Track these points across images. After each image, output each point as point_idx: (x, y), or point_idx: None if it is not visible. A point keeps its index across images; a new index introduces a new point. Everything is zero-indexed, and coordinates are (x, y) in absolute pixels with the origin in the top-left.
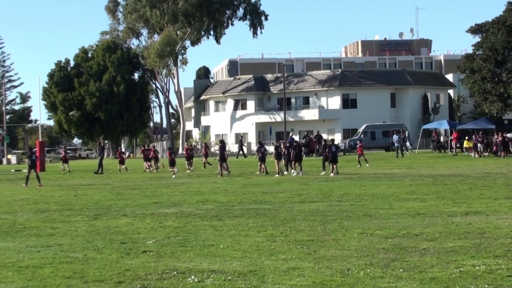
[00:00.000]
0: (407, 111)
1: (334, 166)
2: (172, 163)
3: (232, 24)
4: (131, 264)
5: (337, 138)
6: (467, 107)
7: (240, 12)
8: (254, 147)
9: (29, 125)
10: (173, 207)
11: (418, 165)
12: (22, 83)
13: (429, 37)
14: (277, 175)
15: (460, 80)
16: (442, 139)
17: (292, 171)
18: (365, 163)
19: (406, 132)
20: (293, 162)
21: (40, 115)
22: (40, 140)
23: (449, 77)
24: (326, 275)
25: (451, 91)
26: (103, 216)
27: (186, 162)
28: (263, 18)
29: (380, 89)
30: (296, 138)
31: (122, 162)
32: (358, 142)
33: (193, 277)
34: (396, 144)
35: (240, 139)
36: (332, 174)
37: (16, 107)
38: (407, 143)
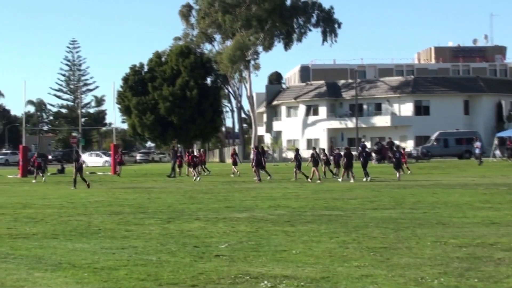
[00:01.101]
0: (480, 118)
1: (357, 171)
2: (194, 166)
3: (305, 32)
4: (204, 268)
5: (409, 145)
6: None
7: (314, 19)
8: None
9: (104, 128)
10: (245, 212)
11: (492, 174)
12: (97, 87)
13: (504, 44)
14: (309, 180)
15: None
16: None
17: (340, 178)
18: (407, 170)
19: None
20: (343, 169)
21: (115, 118)
22: (114, 143)
23: None
24: (400, 283)
25: None
26: (176, 219)
27: (191, 169)
28: (336, 25)
29: (454, 96)
30: (368, 144)
31: (194, 165)
32: (401, 149)
33: (266, 282)
34: (477, 151)
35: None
36: (365, 179)
37: (91, 110)
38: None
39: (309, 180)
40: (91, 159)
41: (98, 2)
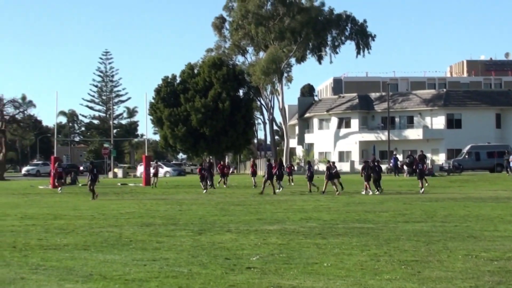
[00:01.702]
0: None
1: (374, 184)
2: (202, 178)
3: (339, 45)
4: (236, 280)
5: (441, 158)
6: None
7: (347, 31)
8: (358, 166)
9: (135, 139)
10: (277, 224)
11: None
12: (129, 98)
13: None
14: (322, 193)
15: None
16: None
17: (369, 191)
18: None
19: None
20: (366, 182)
21: (147, 129)
22: (146, 154)
23: None
24: None
25: None
26: (208, 231)
27: (201, 182)
28: (369, 39)
29: (485, 109)
30: (400, 157)
31: (201, 177)
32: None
33: None
34: (511, 165)
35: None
36: (377, 193)
37: (123, 122)
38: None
39: (323, 192)
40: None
41: (131, 13)
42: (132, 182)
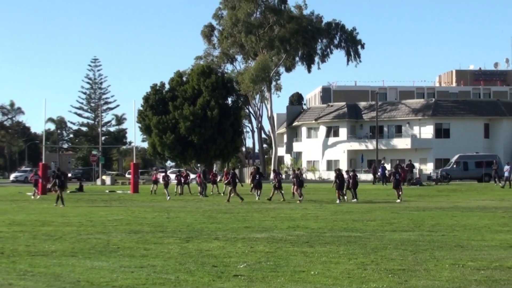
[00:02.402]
0: (500, 142)
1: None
2: (166, 185)
3: (328, 54)
4: (223, 287)
5: (429, 167)
6: None
7: (336, 40)
8: (345, 175)
9: (124, 146)
10: (264, 232)
11: (511, 197)
12: (118, 105)
13: None
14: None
15: None
16: None
17: (340, 199)
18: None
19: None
20: (338, 191)
21: (135, 137)
22: (134, 162)
23: None
24: None
25: None
26: (195, 239)
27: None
28: (359, 47)
29: (474, 119)
30: (388, 166)
31: (165, 185)
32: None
33: None
34: (506, 175)
35: (275, 169)
36: (354, 200)
37: (112, 129)
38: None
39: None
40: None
41: (120, 21)
42: (121, 189)
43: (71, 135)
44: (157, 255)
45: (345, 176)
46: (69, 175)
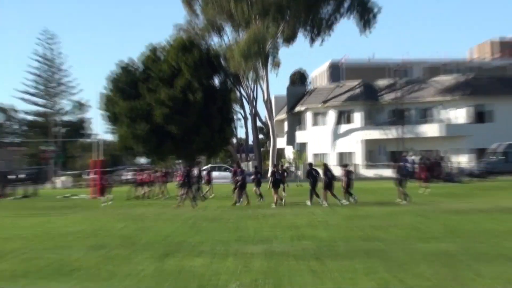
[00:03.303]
0: None
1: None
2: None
3: (335, 22)
4: None
5: (465, 159)
6: None
7: (345, 6)
8: (362, 170)
9: (87, 140)
10: (261, 244)
11: None
12: (80, 90)
13: None
14: (273, 206)
15: None
16: None
17: (323, 202)
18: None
19: None
20: (324, 191)
21: (100, 128)
22: (99, 158)
23: None
24: None
25: None
26: (175, 254)
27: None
28: (372, 14)
29: None
30: (415, 159)
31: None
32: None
33: None
34: None
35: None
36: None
37: (72, 119)
38: None
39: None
40: (219, 175)
41: None
42: (82, 192)
43: (20, 127)
44: (126, 276)
45: (341, 172)
46: (20, 176)
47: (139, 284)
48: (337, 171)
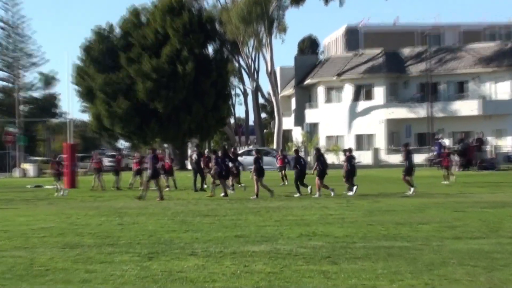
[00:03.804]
0: None
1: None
2: (58, 175)
3: None
4: None
5: (509, 143)
6: None
7: None
8: (384, 155)
9: (55, 120)
10: (265, 243)
11: None
12: (46, 61)
13: None
14: (253, 197)
15: None
16: None
17: (317, 193)
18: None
19: None
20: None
21: (70, 105)
22: (70, 141)
23: None
24: None
25: None
26: (162, 254)
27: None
28: None
29: None
30: (447, 142)
31: (57, 175)
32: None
33: None
34: None
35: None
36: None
37: (37, 95)
38: None
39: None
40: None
41: None
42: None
43: None
44: (105, 280)
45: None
46: None
47: None
48: (357, 156)
